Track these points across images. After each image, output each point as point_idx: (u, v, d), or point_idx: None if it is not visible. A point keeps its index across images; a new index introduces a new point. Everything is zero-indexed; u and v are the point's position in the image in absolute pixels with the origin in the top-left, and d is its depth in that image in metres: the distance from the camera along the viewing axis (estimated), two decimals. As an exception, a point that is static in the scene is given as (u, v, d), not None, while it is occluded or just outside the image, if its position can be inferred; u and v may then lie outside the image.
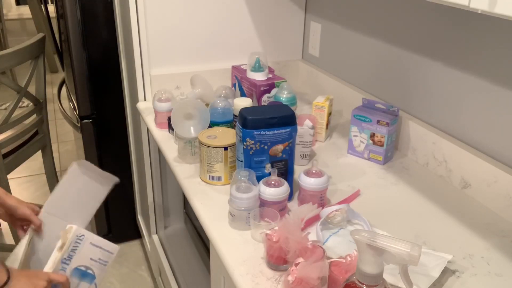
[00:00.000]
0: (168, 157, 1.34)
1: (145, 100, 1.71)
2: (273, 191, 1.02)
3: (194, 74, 1.58)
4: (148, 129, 1.67)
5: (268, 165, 1.09)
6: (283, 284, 0.86)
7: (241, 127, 1.06)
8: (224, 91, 1.48)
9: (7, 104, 3.72)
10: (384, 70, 1.46)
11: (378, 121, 1.28)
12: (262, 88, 1.47)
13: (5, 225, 2.49)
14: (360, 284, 0.68)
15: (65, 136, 3.54)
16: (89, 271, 1.08)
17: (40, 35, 1.94)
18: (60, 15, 2.10)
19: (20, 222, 1.12)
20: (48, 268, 1.04)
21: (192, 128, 1.27)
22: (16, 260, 1.04)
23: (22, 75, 2.03)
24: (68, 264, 1.05)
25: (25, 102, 3.45)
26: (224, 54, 1.76)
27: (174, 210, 1.94)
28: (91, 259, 1.08)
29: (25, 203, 1.10)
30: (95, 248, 1.09)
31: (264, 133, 1.05)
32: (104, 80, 2.04)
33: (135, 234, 2.38)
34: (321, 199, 1.08)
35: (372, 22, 1.49)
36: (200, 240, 1.69)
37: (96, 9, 1.91)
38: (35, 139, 2.08)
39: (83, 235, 1.08)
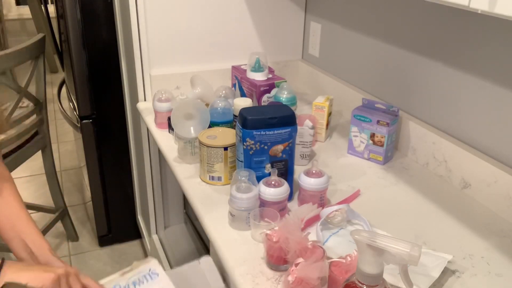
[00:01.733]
0: (168, 157, 1.34)
1: (145, 100, 1.71)
2: (273, 191, 1.02)
3: (194, 74, 1.58)
4: (148, 129, 1.67)
5: (268, 165, 1.09)
6: (283, 284, 0.86)
7: (241, 127, 1.06)
8: (224, 91, 1.48)
9: (7, 104, 3.72)
10: (384, 70, 1.46)
11: (378, 121, 1.28)
12: (262, 88, 1.47)
13: (5, 225, 2.49)
14: (360, 284, 0.68)
15: (65, 136, 3.54)
16: None
17: (40, 35, 1.94)
18: (60, 15, 2.10)
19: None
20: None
21: (192, 128, 1.27)
22: None
23: (22, 75, 2.03)
24: None
25: (25, 102, 3.44)
26: (224, 54, 1.76)
27: (174, 210, 1.94)
28: None
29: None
30: None
31: (264, 133, 1.05)
32: (104, 80, 2.04)
33: (135, 234, 2.38)
34: (321, 199, 1.08)
35: (372, 22, 1.49)
36: (200, 240, 1.69)
37: (96, 9, 1.91)
38: (35, 139, 2.08)
39: (158, 274, 0.90)
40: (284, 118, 1.06)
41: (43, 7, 3.13)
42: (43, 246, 0.91)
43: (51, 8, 2.63)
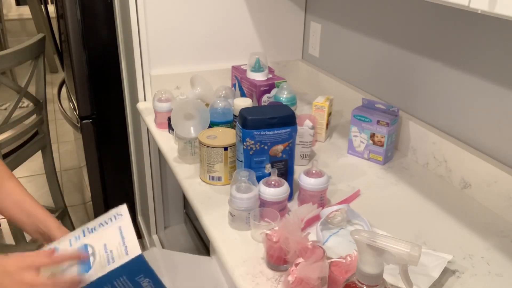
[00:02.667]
0: (168, 157, 1.34)
1: (145, 100, 1.71)
2: (273, 191, 1.02)
3: (194, 74, 1.58)
4: (148, 129, 1.67)
5: (268, 165, 1.09)
6: (283, 284, 0.86)
7: (241, 127, 1.06)
8: (224, 91, 1.48)
9: (7, 104, 3.72)
10: (384, 70, 1.46)
11: (378, 121, 1.28)
12: (262, 88, 1.47)
13: (5, 225, 2.49)
14: (360, 284, 0.68)
15: (65, 136, 3.54)
16: (91, 258, 0.85)
17: (40, 35, 1.94)
18: (60, 15, 2.10)
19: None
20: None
21: (192, 128, 1.27)
22: None
23: (22, 75, 2.03)
24: (84, 235, 0.88)
25: (25, 102, 3.44)
26: (224, 54, 1.76)
27: (174, 210, 1.94)
28: (104, 245, 0.85)
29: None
30: (117, 237, 0.87)
31: (264, 133, 1.05)
32: (104, 80, 2.04)
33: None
34: (321, 199, 1.08)
35: (372, 22, 1.49)
36: (200, 240, 1.69)
37: (96, 9, 1.91)
38: (35, 139, 2.08)
39: (122, 214, 0.89)
40: (284, 118, 1.06)
41: (43, 7, 3.13)
42: (52, 224, 0.97)
43: (51, 8, 2.63)
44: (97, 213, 2.27)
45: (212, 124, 1.30)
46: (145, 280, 0.84)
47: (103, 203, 2.26)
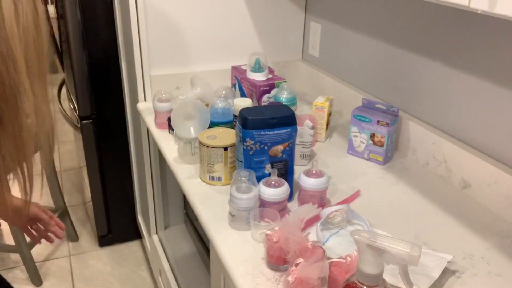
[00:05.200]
0: (168, 157, 1.34)
1: (145, 100, 1.71)
2: (273, 191, 1.02)
3: (194, 74, 1.58)
4: (148, 130, 1.67)
5: (268, 166, 1.09)
6: (283, 285, 0.86)
7: (241, 128, 1.06)
8: (224, 91, 1.48)
9: (7, 104, 3.71)
10: (384, 70, 1.46)
11: (378, 122, 1.28)
12: (262, 89, 1.47)
13: (5, 226, 2.49)
14: (360, 285, 0.68)
15: (65, 136, 3.54)
16: None
17: (40, 35, 1.94)
18: (60, 16, 2.10)
19: (28, 223, 1.09)
20: None
21: (192, 128, 1.27)
22: None
23: (22, 75, 2.03)
24: None
25: (25, 102, 3.44)
26: (224, 54, 1.76)
27: (174, 210, 1.94)
28: None
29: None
30: None
31: (264, 134, 1.05)
32: (104, 80, 2.03)
33: (135, 234, 2.38)
34: (321, 199, 1.08)
35: (372, 22, 1.49)
36: (200, 240, 1.70)
37: (96, 9, 1.91)
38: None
39: None
40: (284, 118, 1.06)
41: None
42: None
43: (51, 8, 2.63)
44: (97, 213, 2.27)
45: (212, 124, 1.30)
46: None
47: (103, 203, 2.26)
